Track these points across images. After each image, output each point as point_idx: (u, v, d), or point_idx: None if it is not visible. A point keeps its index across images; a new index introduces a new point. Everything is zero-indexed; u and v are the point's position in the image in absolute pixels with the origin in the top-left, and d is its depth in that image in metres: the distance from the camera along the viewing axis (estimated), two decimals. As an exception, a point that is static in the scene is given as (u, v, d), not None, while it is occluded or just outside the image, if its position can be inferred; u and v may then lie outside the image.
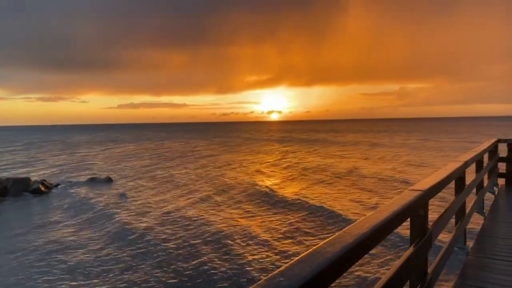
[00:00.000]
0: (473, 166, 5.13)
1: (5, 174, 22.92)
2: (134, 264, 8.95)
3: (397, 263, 2.09)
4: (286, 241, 10.21)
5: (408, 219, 2.39)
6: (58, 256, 9.75)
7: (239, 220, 12.55)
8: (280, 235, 10.73)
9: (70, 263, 9.18)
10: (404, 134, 73.55)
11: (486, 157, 6.50)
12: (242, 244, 10.08)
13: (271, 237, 10.60)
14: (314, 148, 44.88)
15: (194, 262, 8.86)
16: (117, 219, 13.10)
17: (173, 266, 8.69)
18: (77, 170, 27.53)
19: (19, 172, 25.65)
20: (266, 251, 9.48)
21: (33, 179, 20.14)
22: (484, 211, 6.18)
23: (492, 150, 7.10)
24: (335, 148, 43.41)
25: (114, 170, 26.94)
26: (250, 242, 10.19)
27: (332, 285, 1.28)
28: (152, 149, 48.09)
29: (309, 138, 68.86)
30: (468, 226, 4.76)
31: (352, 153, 36.40)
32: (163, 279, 8.02)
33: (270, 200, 15.58)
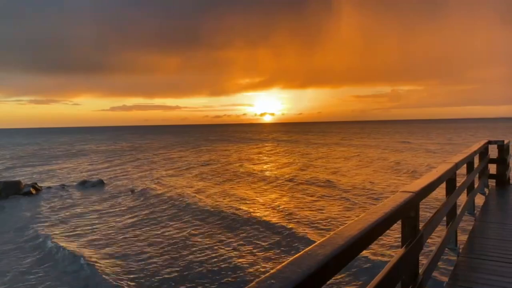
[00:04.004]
0: (464, 168, 5.17)
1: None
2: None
3: (389, 264, 2.10)
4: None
5: (400, 221, 2.40)
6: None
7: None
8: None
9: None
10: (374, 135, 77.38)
11: (477, 159, 6.56)
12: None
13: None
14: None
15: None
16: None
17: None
18: (66, 173, 27.33)
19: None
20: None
21: (24, 182, 19.94)
22: (475, 212, 6.23)
23: (483, 152, 7.16)
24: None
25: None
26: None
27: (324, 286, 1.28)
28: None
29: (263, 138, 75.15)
30: (459, 227, 4.79)
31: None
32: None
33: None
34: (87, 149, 54.86)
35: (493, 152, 7.94)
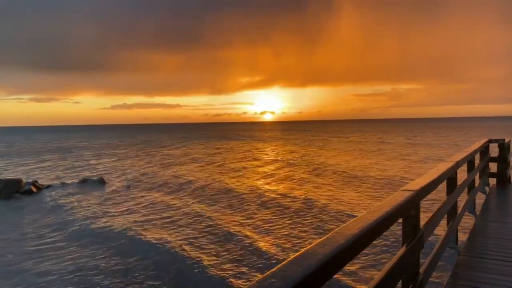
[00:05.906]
0: (464, 166, 5.16)
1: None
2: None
3: (389, 263, 2.10)
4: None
5: (400, 219, 2.40)
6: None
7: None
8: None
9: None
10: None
11: (477, 157, 6.55)
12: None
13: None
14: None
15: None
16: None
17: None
18: (65, 172, 27.38)
19: None
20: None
21: (24, 180, 19.95)
22: (476, 210, 6.22)
23: (483, 150, 7.15)
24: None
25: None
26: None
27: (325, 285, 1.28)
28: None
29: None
30: (459, 226, 4.79)
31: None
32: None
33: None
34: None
35: (494, 150, 7.93)
